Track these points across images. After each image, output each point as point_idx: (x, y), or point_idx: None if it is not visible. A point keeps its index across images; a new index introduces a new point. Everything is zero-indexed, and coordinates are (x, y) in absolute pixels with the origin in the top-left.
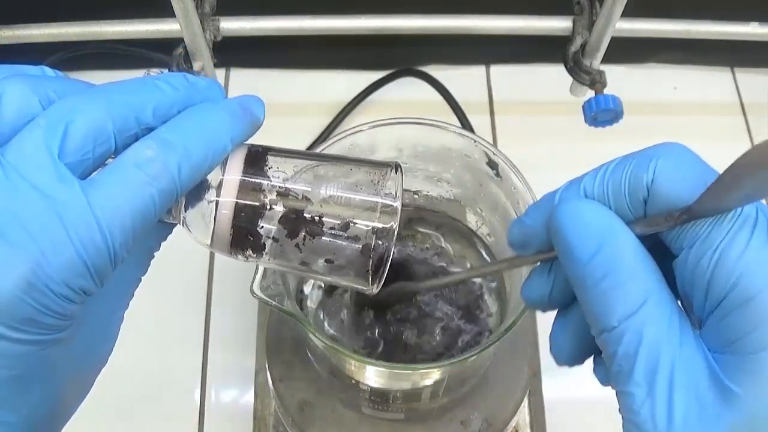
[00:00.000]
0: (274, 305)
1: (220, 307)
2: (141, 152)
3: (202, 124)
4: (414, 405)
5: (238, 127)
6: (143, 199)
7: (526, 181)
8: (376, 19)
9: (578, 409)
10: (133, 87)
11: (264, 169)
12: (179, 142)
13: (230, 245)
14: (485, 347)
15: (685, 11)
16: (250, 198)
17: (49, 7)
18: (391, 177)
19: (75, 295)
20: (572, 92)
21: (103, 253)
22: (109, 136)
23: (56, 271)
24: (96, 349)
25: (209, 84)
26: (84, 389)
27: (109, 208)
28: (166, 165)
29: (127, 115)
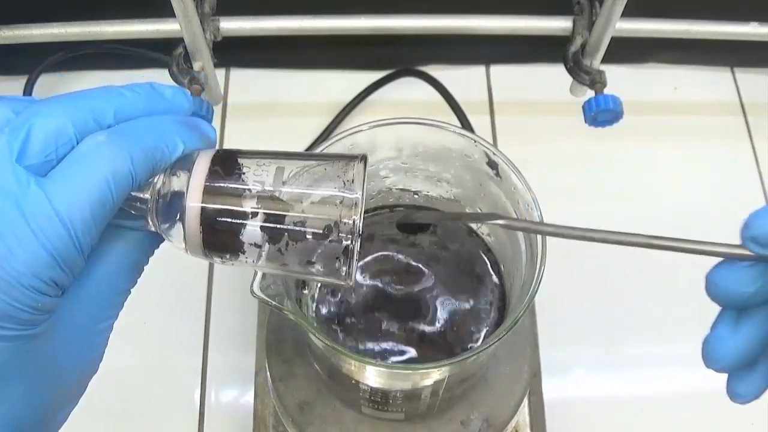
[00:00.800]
0: (274, 305)
1: (220, 307)
2: (92, 139)
3: (152, 121)
4: (414, 405)
5: (188, 133)
6: (98, 183)
7: (526, 181)
8: (376, 19)
9: (578, 409)
10: (96, 93)
11: (231, 170)
12: (129, 131)
13: (203, 248)
14: (485, 347)
15: (685, 11)
16: (216, 199)
17: (49, 7)
18: (354, 169)
19: (46, 286)
20: (572, 92)
21: (66, 241)
22: (71, 137)
23: (23, 263)
24: (80, 355)
25: (175, 92)
26: (72, 396)
27: (65, 196)
28: (116, 148)
29: (87, 117)
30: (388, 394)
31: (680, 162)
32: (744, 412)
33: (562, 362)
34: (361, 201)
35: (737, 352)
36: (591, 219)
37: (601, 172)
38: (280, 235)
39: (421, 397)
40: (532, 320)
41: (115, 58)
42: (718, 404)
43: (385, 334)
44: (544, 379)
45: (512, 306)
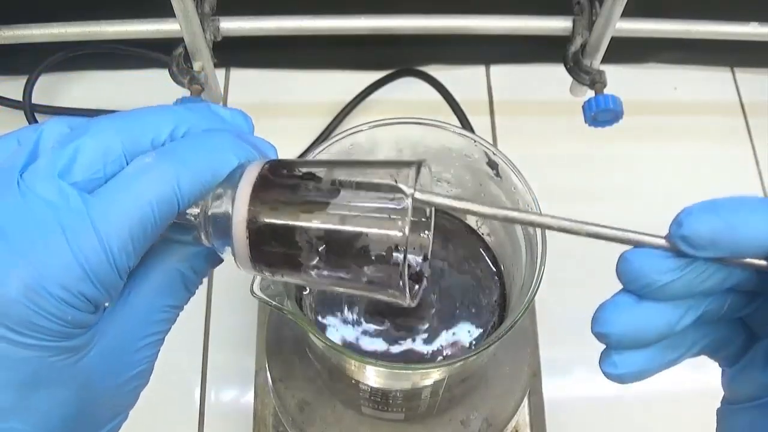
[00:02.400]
0: (274, 305)
1: (220, 307)
2: (140, 161)
3: (205, 138)
4: (414, 405)
5: (243, 147)
6: (140, 205)
7: (526, 181)
8: (376, 19)
9: (578, 409)
10: (149, 111)
11: (279, 180)
12: (178, 152)
13: (251, 262)
14: (485, 347)
15: (685, 11)
16: (263, 212)
17: (49, 7)
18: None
19: (76, 300)
20: (572, 92)
21: (102, 258)
22: (119, 155)
23: (53, 274)
24: (116, 371)
25: (234, 114)
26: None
27: (105, 214)
28: (163, 171)
29: (138, 136)
30: (388, 394)
31: (680, 162)
32: None
33: (562, 362)
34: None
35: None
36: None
37: (601, 172)
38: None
39: (421, 397)
40: (532, 320)
41: (115, 58)
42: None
43: (384, 333)
44: (544, 379)
45: (512, 306)
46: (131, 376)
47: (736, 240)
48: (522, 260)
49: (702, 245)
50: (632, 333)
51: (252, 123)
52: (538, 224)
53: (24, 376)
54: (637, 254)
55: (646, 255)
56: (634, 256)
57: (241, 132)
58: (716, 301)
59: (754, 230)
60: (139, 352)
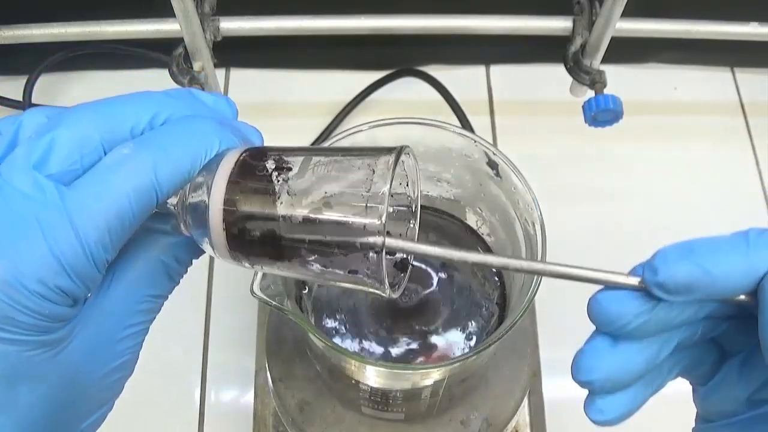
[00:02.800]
0: (274, 305)
1: (220, 307)
2: (117, 152)
3: (185, 126)
4: (414, 405)
5: (225, 134)
6: (117, 197)
7: (526, 181)
8: (376, 19)
9: (578, 409)
10: (127, 99)
11: (256, 167)
12: (156, 141)
13: (229, 251)
14: (485, 347)
15: (685, 11)
16: (239, 199)
17: (49, 7)
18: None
19: (54, 294)
20: (572, 92)
21: (78, 252)
22: (97, 146)
23: (29, 267)
24: (97, 363)
25: (217, 99)
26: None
27: (82, 207)
28: (141, 162)
29: (116, 125)
30: (388, 394)
31: (680, 162)
32: None
33: (562, 362)
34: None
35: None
36: (591, 219)
37: (601, 172)
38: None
39: (421, 397)
40: (532, 320)
41: (115, 58)
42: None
43: (384, 333)
44: (544, 379)
45: (512, 306)
46: (114, 368)
47: (714, 285)
48: None
49: (678, 291)
50: (614, 376)
51: (236, 108)
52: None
53: (3, 371)
54: (608, 297)
55: (618, 298)
56: (606, 299)
57: (223, 118)
58: (690, 329)
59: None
60: (120, 343)
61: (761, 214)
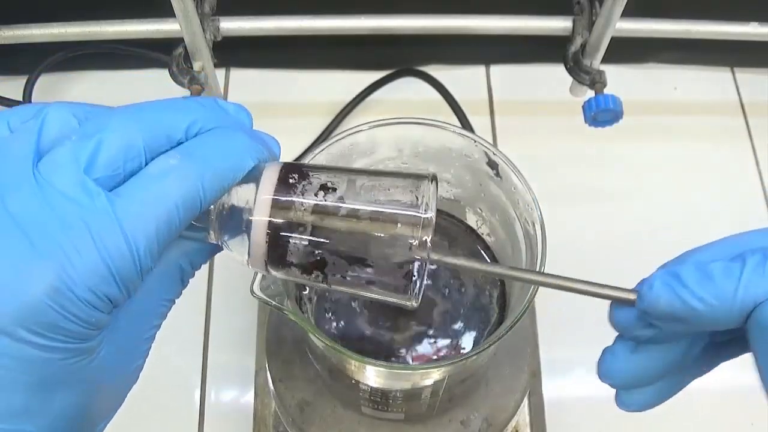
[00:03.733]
0: (274, 305)
1: (220, 307)
2: (164, 162)
3: (224, 138)
4: (414, 405)
5: (257, 148)
6: (166, 206)
7: (526, 181)
8: (376, 19)
9: (578, 409)
10: (164, 106)
11: (298, 185)
12: (201, 153)
13: (266, 264)
14: (485, 347)
15: (685, 11)
16: (284, 215)
17: (49, 7)
18: (425, 188)
19: (100, 302)
20: (572, 92)
21: (128, 259)
22: (140, 152)
23: (81, 276)
24: (122, 367)
25: (237, 108)
26: (113, 407)
27: (133, 215)
28: (188, 173)
29: (157, 132)
30: (388, 394)
31: (680, 162)
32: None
33: (562, 362)
34: (432, 221)
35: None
36: (591, 219)
37: (601, 172)
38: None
39: (421, 397)
40: (532, 320)
41: (115, 58)
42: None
43: (384, 333)
44: (544, 379)
45: (512, 306)
46: (131, 373)
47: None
48: (522, 260)
49: (662, 320)
50: (633, 379)
51: (251, 116)
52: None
53: (40, 378)
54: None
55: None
56: (618, 311)
57: (248, 128)
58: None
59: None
60: (141, 346)
61: (761, 214)
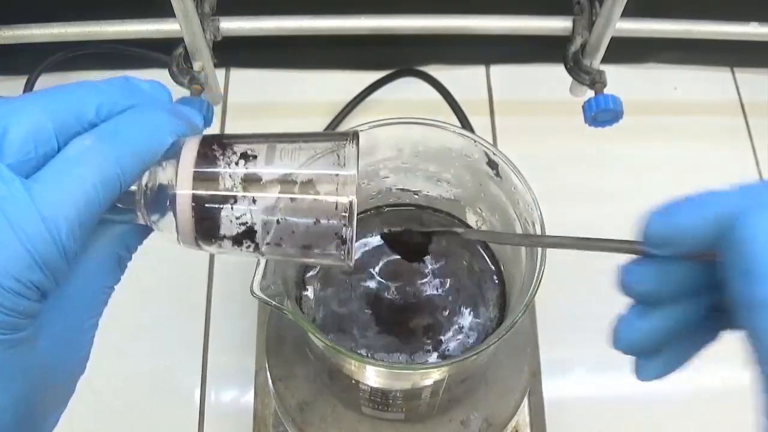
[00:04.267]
0: (274, 305)
1: (220, 307)
2: (79, 143)
3: (139, 116)
4: (414, 405)
5: (178, 123)
6: (85, 188)
7: (526, 181)
8: (376, 19)
9: (578, 409)
10: (73, 88)
11: (219, 155)
12: (116, 132)
13: (195, 238)
14: (485, 347)
15: (685, 11)
16: (207, 187)
17: (49, 7)
18: (347, 147)
19: (27, 290)
20: (572, 92)
21: (50, 245)
22: (50, 135)
23: (3, 265)
24: (66, 357)
25: (152, 85)
26: (61, 399)
27: (51, 200)
28: (105, 153)
29: (66, 115)
30: (388, 394)
31: (680, 162)
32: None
33: (562, 362)
34: (355, 179)
35: (642, 337)
36: (591, 219)
37: (601, 172)
38: (274, 218)
39: (421, 397)
40: (532, 320)
41: (115, 58)
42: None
43: (383, 332)
44: (544, 379)
45: (512, 306)
46: (75, 362)
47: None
48: (522, 260)
49: (659, 244)
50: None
51: (170, 92)
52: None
53: None
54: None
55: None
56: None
57: (166, 105)
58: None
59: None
60: (83, 336)
61: None
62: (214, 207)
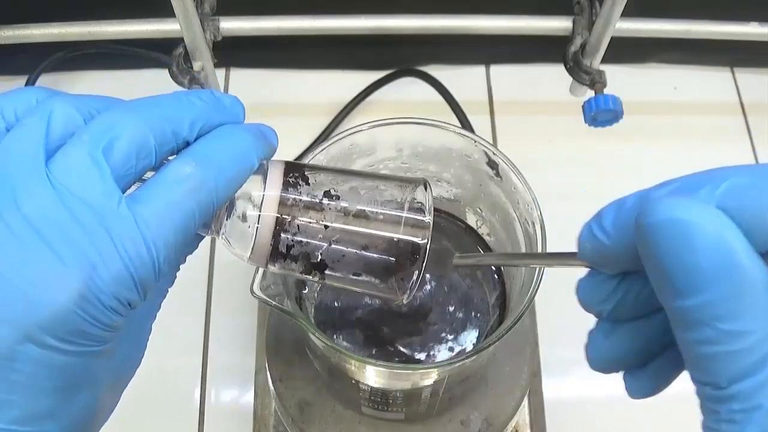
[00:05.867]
0: (274, 305)
1: (220, 307)
2: (181, 169)
3: (232, 141)
4: (414, 405)
5: (261, 147)
6: (185, 214)
7: (526, 181)
8: (376, 19)
9: (578, 409)
10: (167, 101)
11: (300, 185)
12: (214, 158)
13: (268, 258)
14: (485, 347)
15: (685, 11)
16: (289, 212)
17: (49, 7)
18: (420, 192)
19: (122, 307)
20: (572, 92)
21: (148, 267)
22: (151, 150)
23: (106, 284)
24: (133, 360)
25: (233, 100)
26: (117, 397)
27: (154, 223)
28: (204, 180)
29: (164, 129)
30: (388, 394)
31: (680, 162)
32: None
33: (562, 362)
34: (431, 225)
35: (611, 357)
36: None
37: (601, 172)
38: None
39: (421, 397)
40: (532, 320)
41: (115, 58)
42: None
43: (384, 333)
44: (544, 379)
45: (512, 306)
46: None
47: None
48: None
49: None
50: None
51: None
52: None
53: (65, 382)
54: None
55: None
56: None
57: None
58: None
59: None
60: (144, 340)
61: None
62: (293, 233)
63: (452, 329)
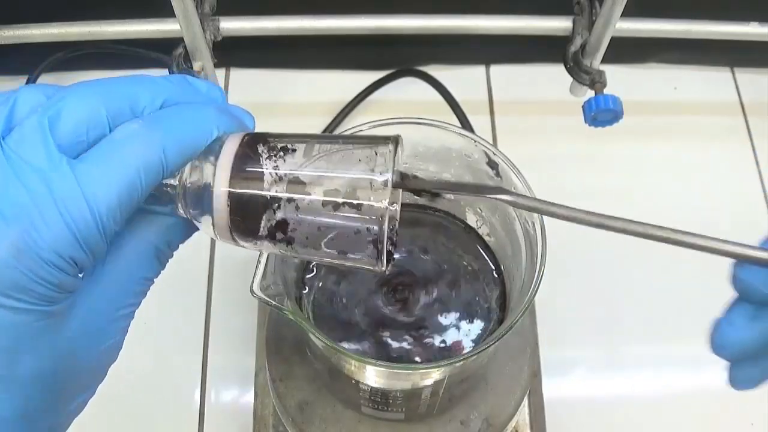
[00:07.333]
0: (274, 305)
1: (220, 307)
2: (127, 127)
3: (189, 109)
4: (414, 405)
5: (225, 120)
6: (128, 172)
7: (526, 181)
8: (376, 19)
9: (578, 409)
10: (129, 79)
11: (259, 154)
12: (164, 121)
13: (230, 233)
14: (485, 347)
15: (685, 11)
16: (244, 184)
17: (49, 7)
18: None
19: (66, 264)
20: (572, 92)
21: (90, 223)
22: (103, 121)
23: (45, 239)
24: (95, 341)
25: (210, 86)
26: (87, 384)
27: (94, 181)
28: (150, 139)
29: (121, 103)
30: (388, 394)
31: (680, 162)
32: (744, 412)
33: (562, 362)
34: (389, 183)
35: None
36: None
37: (601, 172)
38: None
39: (421, 397)
40: (532, 320)
41: (115, 58)
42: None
43: (384, 333)
44: (544, 379)
45: (512, 306)
46: (106, 347)
47: None
48: (522, 260)
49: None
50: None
51: (223, 93)
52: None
53: (9, 341)
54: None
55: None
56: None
57: (219, 103)
58: None
59: None
60: (115, 322)
61: (761, 214)
62: (249, 203)
63: (452, 329)
